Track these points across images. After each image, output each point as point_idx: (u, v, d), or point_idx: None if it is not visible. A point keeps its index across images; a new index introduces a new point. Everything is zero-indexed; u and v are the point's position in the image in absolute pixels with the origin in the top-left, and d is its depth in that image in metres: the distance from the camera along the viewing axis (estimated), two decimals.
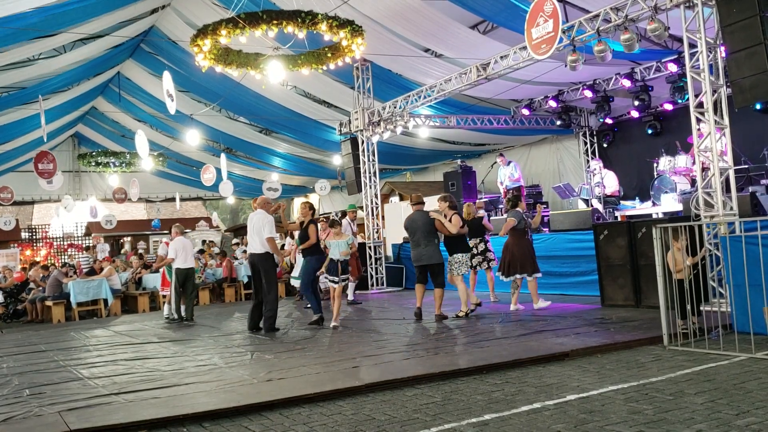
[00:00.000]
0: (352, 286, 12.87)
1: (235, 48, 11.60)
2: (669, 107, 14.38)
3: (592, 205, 13.62)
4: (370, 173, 16.15)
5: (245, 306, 10.01)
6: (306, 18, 10.22)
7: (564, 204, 16.05)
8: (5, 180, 23.42)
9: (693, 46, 8.68)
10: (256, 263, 9.46)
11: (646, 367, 5.87)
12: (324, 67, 12.24)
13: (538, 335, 7.58)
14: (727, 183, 8.42)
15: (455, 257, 9.57)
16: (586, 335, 7.37)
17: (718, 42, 8.47)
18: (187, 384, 6.09)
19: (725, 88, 8.47)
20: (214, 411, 5.07)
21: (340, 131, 16.84)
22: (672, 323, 6.85)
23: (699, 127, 8.66)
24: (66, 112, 21.02)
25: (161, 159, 23.91)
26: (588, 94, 14.68)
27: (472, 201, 13.03)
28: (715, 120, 8.40)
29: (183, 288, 11.61)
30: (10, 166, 23.07)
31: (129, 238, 27.54)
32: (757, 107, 11.77)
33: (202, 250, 18.52)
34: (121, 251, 24.67)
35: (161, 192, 28.38)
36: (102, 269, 14.86)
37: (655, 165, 13.34)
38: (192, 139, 19.20)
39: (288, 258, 13.87)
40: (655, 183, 12.99)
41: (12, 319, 14.79)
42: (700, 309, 7.13)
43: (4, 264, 19.66)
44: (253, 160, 24.72)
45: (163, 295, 12.18)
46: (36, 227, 28.92)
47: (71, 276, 14.44)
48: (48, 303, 13.86)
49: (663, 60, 12.82)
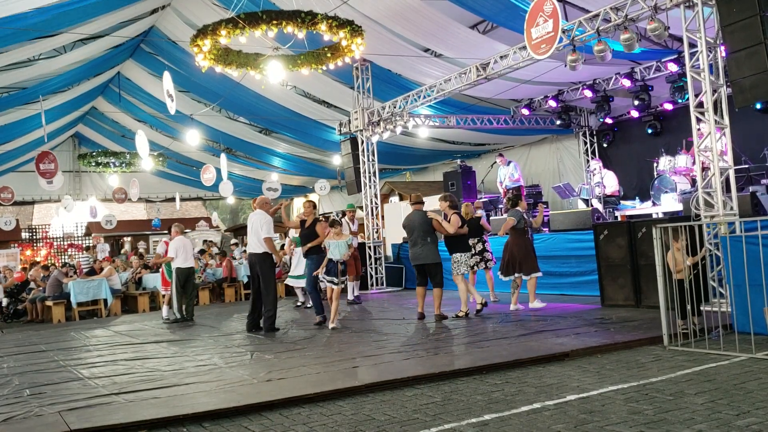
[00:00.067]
0: (353, 285, 12.86)
1: (235, 48, 11.60)
2: (669, 107, 14.38)
3: (592, 205, 13.61)
4: (369, 173, 16.15)
5: (245, 306, 10.02)
6: (306, 18, 10.21)
7: (564, 204, 16.04)
8: (6, 180, 23.44)
9: (693, 45, 8.67)
10: (254, 263, 9.47)
11: (646, 368, 5.87)
12: (324, 67, 12.23)
13: (538, 335, 7.58)
14: (728, 183, 8.42)
15: (454, 257, 9.57)
16: (586, 335, 7.37)
17: (718, 42, 8.47)
18: (187, 384, 6.10)
19: (725, 87, 8.47)
20: (214, 411, 5.08)
21: (339, 131, 16.84)
22: (672, 323, 6.84)
23: (699, 127, 8.66)
24: (66, 112, 21.03)
25: (161, 159, 23.91)
26: (588, 93, 14.67)
27: (470, 201, 13.02)
28: (715, 120, 8.40)
29: (183, 288, 11.63)
30: (10, 166, 23.10)
31: (129, 238, 27.54)
32: (758, 107, 11.77)
33: (203, 250, 18.51)
34: (121, 251, 24.67)
35: (161, 192, 28.41)
36: (102, 269, 14.87)
37: (655, 165, 13.33)
38: (192, 139, 19.22)
39: (286, 258, 13.80)
40: (655, 183, 12.98)
41: (12, 319, 14.80)
42: (700, 309, 7.12)
43: (4, 264, 19.68)
44: (253, 160, 24.73)
45: (164, 295, 12.16)
46: (36, 227, 28.92)
47: (71, 276, 14.45)
48: (48, 303, 13.87)
49: (663, 60, 12.82)
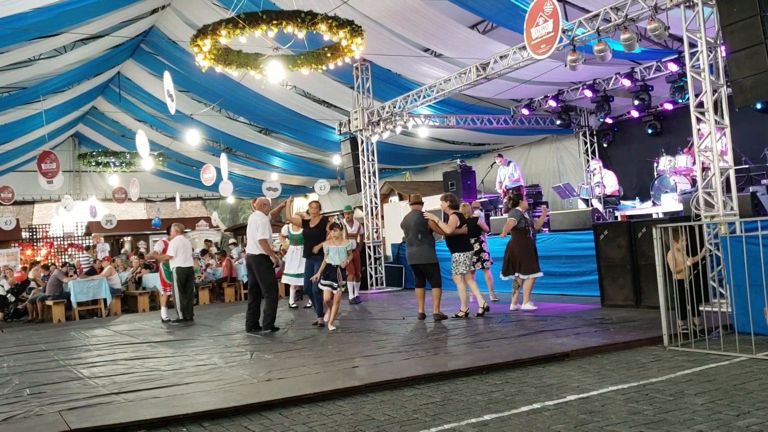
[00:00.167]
0: (353, 285, 12.85)
1: (235, 48, 11.59)
2: (669, 107, 14.37)
3: (592, 205, 13.60)
4: (369, 173, 16.15)
5: (245, 306, 10.01)
6: (306, 18, 10.21)
7: (564, 204, 16.04)
8: (6, 180, 23.45)
9: (693, 45, 8.67)
10: (251, 264, 9.50)
11: (646, 368, 5.87)
12: (324, 67, 12.22)
13: (538, 335, 7.57)
14: (728, 183, 8.42)
15: (453, 256, 9.59)
16: (586, 335, 7.36)
17: (718, 42, 8.46)
18: (187, 384, 6.10)
19: (725, 87, 8.47)
20: (213, 411, 5.08)
21: (339, 131, 16.84)
22: (672, 323, 6.84)
23: (699, 127, 8.66)
24: (66, 112, 21.04)
25: (161, 159, 23.91)
26: (588, 93, 14.66)
27: (468, 201, 13.02)
28: (716, 120, 8.39)
29: (183, 287, 11.62)
30: (10, 165, 23.10)
31: (129, 237, 27.53)
32: (758, 107, 11.76)
33: (204, 250, 18.50)
34: (121, 251, 24.66)
35: (161, 192, 28.42)
36: (102, 269, 14.88)
37: (655, 165, 13.32)
38: (192, 139, 19.22)
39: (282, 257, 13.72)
40: (655, 183, 12.97)
41: (12, 319, 14.79)
42: (699, 309, 7.12)
43: (4, 264, 19.67)
44: (253, 159, 24.73)
45: (168, 296, 12.14)
46: (36, 227, 28.91)
47: (71, 276, 14.45)
48: (48, 302, 13.87)
49: (663, 60, 12.80)
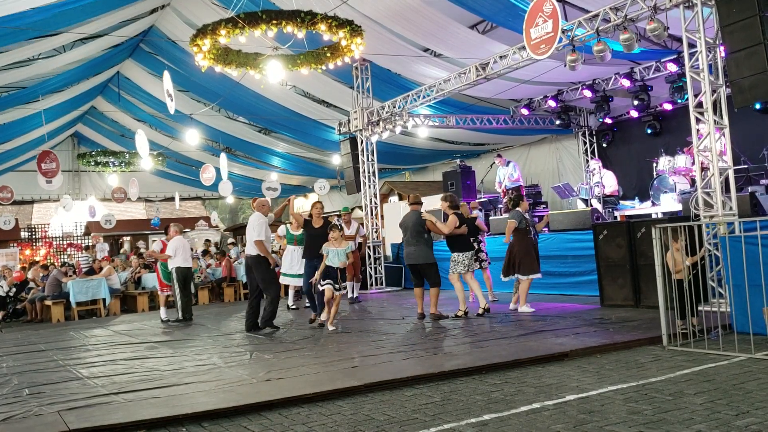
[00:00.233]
0: (353, 285, 12.84)
1: (235, 48, 11.59)
2: (668, 107, 14.37)
3: (591, 205, 13.60)
4: (369, 173, 16.15)
5: (244, 306, 10.02)
6: (305, 18, 10.20)
7: (563, 204, 16.04)
8: (5, 179, 23.42)
9: (692, 46, 8.67)
10: (250, 265, 9.52)
11: (645, 368, 5.87)
12: (323, 67, 12.21)
13: (537, 335, 7.58)
14: (727, 183, 8.42)
15: (452, 256, 9.61)
16: (585, 335, 7.37)
17: (717, 42, 8.47)
18: (187, 384, 6.10)
19: (725, 88, 8.47)
20: (213, 411, 5.08)
21: (339, 131, 16.83)
22: (671, 323, 6.85)
23: (698, 127, 8.66)
24: (65, 111, 21.02)
25: (161, 158, 23.90)
26: (587, 93, 14.66)
27: (468, 201, 13.03)
28: (715, 120, 8.40)
29: (183, 287, 11.62)
30: (9, 165, 23.08)
31: (128, 237, 27.54)
32: (757, 107, 11.75)
33: (206, 250, 18.51)
34: (121, 251, 24.67)
35: (161, 191, 28.39)
36: (101, 269, 14.87)
37: (655, 165, 13.32)
38: (191, 139, 19.21)
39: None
40: (655, 183, 12.97)
41: (12, 319, 14.79)
42: (698, 309, 7.13)
43: (3, 263, 19.65)
44: (253, 159, 24.72)
45: (167, 296, 12.13)
46: (35, 227, 28.90)
47: (71, 275, 14.45)
48: (47, 302, 13.86)
49: (662, 60, 12.81)
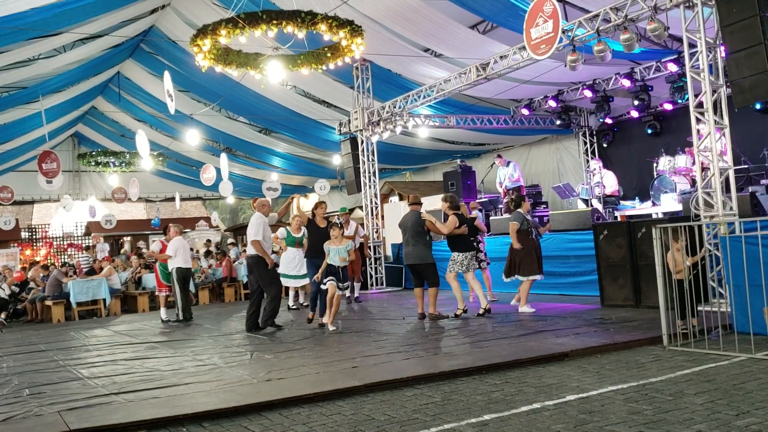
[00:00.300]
0: (355, 285, 12.84)
1: (235, 48, 11.59)
2: (669, 107, 14.37)
3: (591, 205, 13.61)
4: (369, 173, 16.15)
5: (245, 306, 10.03)
6: (306, 18, 10.21)
7: (564, 204, 16.04)
8: (5, 179, 23.43)
9: (693, 46, 8.67)
10: (251, 264, 9.56)
11: (645, 368, 5.87)
12: (324, 67, 12.23)
13: (537, 335, 7.58)
14: (727, 183, 8.42)
15: (452, 256, 9.64)
16: (585, 335, 7.37)
17: (717, 42, 8.47)
18: (187, 384, 6.10)
19: (725, 88, 8.47)
20: (213, 411, 5.08)
21: (339, 131, 16.84)
22: (672, 323, 6.85)
23: (699, 127, 8.66)
24: (66, 111, 21.03)
25: (161, 159, 23.91)
26: (588, 93, 14.66)
27: (468, 201, 13.03)
28: (715, 120, 8.40)
29: (183, 287, 11.62)
30: (10, 165, 23.08)
31: (129, 237, 27.52)
32: (757, 107, 11.75)
33: (208, 251, 18.51)
34: (121, 251, 24.66)
35: (161, 192, 28.40)
36: (102, 269, 14.87)
37: (655, 165, 13.32)
38: (192, 139, 19.22)
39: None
40: (655, 183, 12.97)
41: (12, 319, 14.79)
42: (698, 309, 7.13)
43: (4, 264, 19.66)
44: (253, 159, 24.72)
45: (166, 296, 12.13)
46: (36, 227, 28.91)
47: (71, 276, 14.45)
48: (48, 303, 13.86)
49: (663, 60, 12.81)
